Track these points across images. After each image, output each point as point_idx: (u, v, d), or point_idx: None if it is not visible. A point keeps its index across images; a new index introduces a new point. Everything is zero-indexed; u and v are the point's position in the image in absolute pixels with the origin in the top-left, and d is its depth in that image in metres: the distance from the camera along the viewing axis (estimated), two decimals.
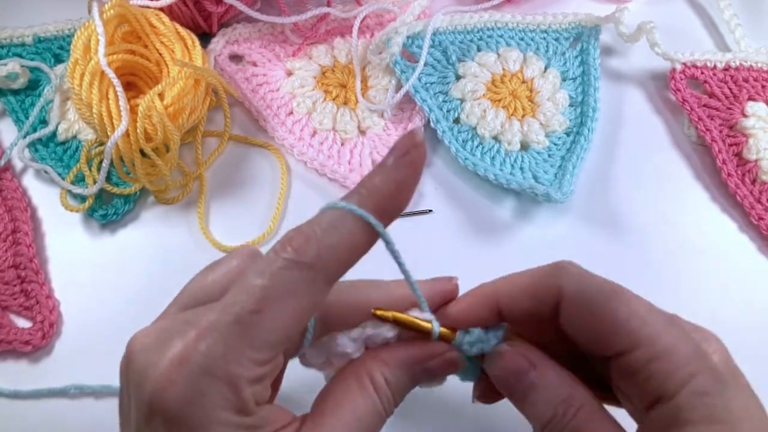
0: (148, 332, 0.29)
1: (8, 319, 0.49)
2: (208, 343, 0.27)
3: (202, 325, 0.28)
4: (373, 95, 0.58)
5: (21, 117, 0.57)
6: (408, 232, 0.53)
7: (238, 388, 0.27)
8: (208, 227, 0.54)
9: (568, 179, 0.53)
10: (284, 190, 0.55)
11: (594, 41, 0.61)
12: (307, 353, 0.34)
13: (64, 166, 0.55)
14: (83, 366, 0.48)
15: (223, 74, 0.59)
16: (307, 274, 0.28)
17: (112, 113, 0.50)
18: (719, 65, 0.59)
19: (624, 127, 0.59)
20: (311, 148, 0.56)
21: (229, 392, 0.27)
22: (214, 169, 0.56)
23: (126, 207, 0.53)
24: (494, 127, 0.56)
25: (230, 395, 0.27)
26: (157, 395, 0.27)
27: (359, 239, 0.29)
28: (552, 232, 0.54)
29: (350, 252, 0.29)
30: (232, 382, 0.27)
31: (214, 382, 0.27)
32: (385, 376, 0.31)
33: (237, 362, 0.27)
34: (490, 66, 0.59)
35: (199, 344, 0.27)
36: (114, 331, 0.49)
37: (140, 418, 0.27)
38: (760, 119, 0.56)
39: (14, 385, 0.47)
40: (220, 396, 0.27)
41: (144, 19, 0.53)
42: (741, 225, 0.54)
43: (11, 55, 0.58)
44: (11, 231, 0.52)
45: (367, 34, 0.62)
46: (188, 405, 0.26)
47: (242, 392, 0.27)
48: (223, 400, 0.27)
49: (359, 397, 0.30)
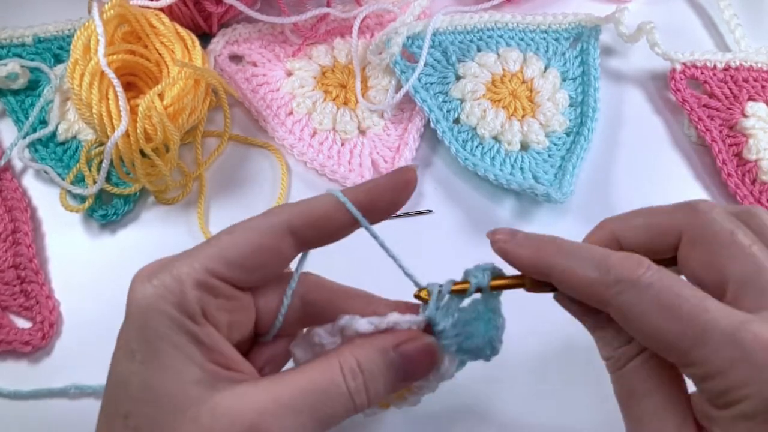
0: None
1: (8, 319, 0.49)
2: (178, 255, 0.32)
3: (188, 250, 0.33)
4: (373, 95, 0.58)
5: (21, 117, 0.57)
6: (408, 232, 0.53)
7: (183, 284, 0.31)
8: (208, 227, 0.54)
9: (568, 179, 0.53)
10: (284, 190, 0.55)
11: (594, 41, 0.61)
12: (294, 350, 0.35)
13: (64, 167, 0.55)
14: (83, 366, 0.48)
15: (223, 74, 0.59)
16: (275, 218, 0.33)
17: (112, 113, 0.50)
18: (719, 65, 0.59)
19: (624, 127, 0.59)
20: (311, 148, 0.56)
21: (175, 286, 0.31)
22: (214, 169, 0.56)
23: (126, 207, 0.53)
24: (494, 128, 0.56)
25: (175, 289, 0.31)
26: (128, 299, 0.31)
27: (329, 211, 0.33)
28: (552, 232, 0.53)
29: (317, 218, 0.33)
30: (179, 278, 0.31)
31: (165, 276, 0.31)
32: (357, 357, 0.31)
33: (189, 265, 0.31)
34: (490, 66, 0.59)
35: (172, 258, 0.32)
36: (114, 331, 0.49)
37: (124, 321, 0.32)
38: (760, 119, 0.56)
39: (14, 385, 0.47)
40: (165, 288, 0.31)
41: (144, 20, 0.53)
42: None
43: (11, 55, 0.58)
44: (11, 231, 0.52)
45: (367, 34, 0.62)
46: (141, 295, 0.31)
47: (186, 289, 0.31)
48: (167, 293, 0.30)
49: (318, 368, 0.31)
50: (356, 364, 0.31)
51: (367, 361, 0.31)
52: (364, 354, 0.31)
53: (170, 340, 0.30)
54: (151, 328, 0.30)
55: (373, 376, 0.31)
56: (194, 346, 0.30)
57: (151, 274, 0.32)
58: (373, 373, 0.31)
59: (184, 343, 0.30)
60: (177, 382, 0.29)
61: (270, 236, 0.33)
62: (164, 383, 0.29)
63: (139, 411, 0.29)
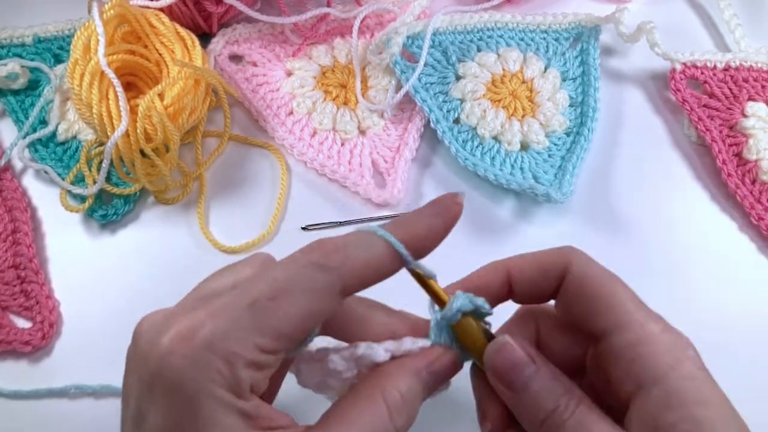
0: (156, 313, 0.30)
1: (8, 319, 0.49)
2: (215, 321, 0.28)
3: (214, 306, 0.29)
4: (373, 95, 0.58)
5: (21, 117, 0.57)
6: None
7: (234, 366, 0.27)
8: (208, 227, 0.54)
9: (568, 179, 0.53)
10: (284, 190, 0.55)
11: (594, 41, 0.61)
12: (302, 370, 0.34)
13: (64, 167, 0.55)
14: (83, 366, 0.48)
15: (223, 74, 0.59)
16: (327, 277, 0.29)
17: (112, 113, 0.50)
18: (719, 65, 0.59)
19: (624, 127, 0.59)
20: (311, 148, 0.56)
21: (226, 369, 0.27)
22: (214, 169, 0.56)
23: (126, 207, 0.53)
24: (494, 128, 0.56)
25: (227, 372, 0.27)
26: (159, 366, 0.28)
27: (384, 261, 0.31)
28: (552, 232, 0.54)
29: (372, 271, 0.31)
30: (230, 360, 0.27)
31: (213, 357, 0.27)
32: (398, 388, 0.31)
33: (239, 342, 0.28)
34: (490, 66, 0.59)
35: (206, 321, 0.28)
36: (114, 331, 0.49)
37: (142, 390, 0.28)
38: (760, 119, 0.56)
39: (14, 385, 0.47)
40: (216, 371, 0.27)
41: (144, 20, 0.53)
42: (741, 225, 0.54)
43: (11, 55, 0.58)
44: (11, 231, 0.52)
45: (367, 34, 0.62)
46: (186, 376, 0.27)
47: (238, 372, 0.28)
48: (219, 376, 0.27)
49: (367, 411, 0.30)
50: (400, 397, 0.30)
51: (408, 390, 0.31)
52: (404, 384, 0.31)
53: (222, 423, 0.28)
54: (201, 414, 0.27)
55: (415, 403, 0.31)
56: (242, 422, 0.28)
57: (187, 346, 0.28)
58: (415, 401, 0.31)
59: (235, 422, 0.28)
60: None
61: (323, 303, 0.30)
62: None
63: None
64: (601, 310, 0.32)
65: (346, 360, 0.32)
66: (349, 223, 0.54)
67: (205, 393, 0.27)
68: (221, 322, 0.28)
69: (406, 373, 0.31)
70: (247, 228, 0.53)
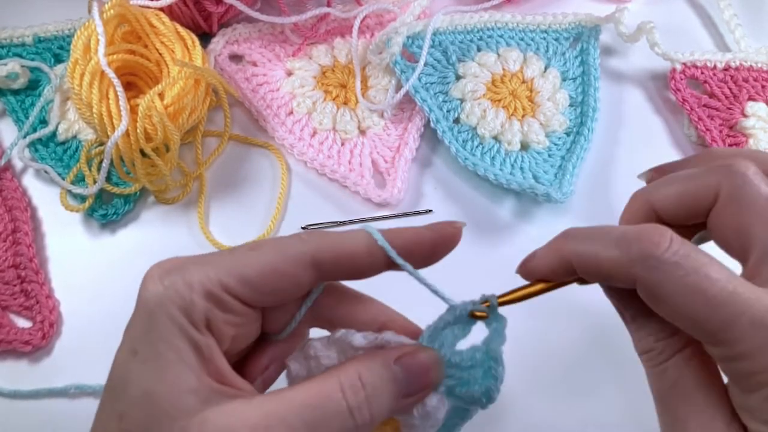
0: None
1: (8, 319, 0.49)
2: (195, 258, 0.32)
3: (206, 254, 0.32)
4: (373, 95, 0.58)
5: (21, 117, 0.57)
6: None
7: (192, 291, 0.30)
8: (208, 227, 0.54)
9: (568, 179, 0.53)
10: (284, 190, 0.55)
11: (594, 41, 0.61)
12: (290, 364, 0.33)
13: (64, 166, 0.55)
14: (83, 366, 0.48)
15: (223, 74, 0.59)
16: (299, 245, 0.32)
17: (112, 113, 0.50)
18: (719, 65, 0.59)
19: (624, 127, 0.59)
20: (311, 148, 0.56)
21: (185, 291, 0.30)
22: (214, 169, 0.56)
23: (126, 207, 0.53)
24: (494, 127, 0.56)
25: (185, 294, 0.30)
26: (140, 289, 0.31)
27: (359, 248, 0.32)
28: (552, 232, 0.53)
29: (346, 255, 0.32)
30: (190, 285, 0.30)
31: (178, 280, 0.30)
32: (359, 371, 0.30)
33: (204, 274, 0.30)
34: (490, 66, 0.59)
35: (189, 259, 0.32)
36: (114, 331, 0.49)
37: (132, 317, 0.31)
38: (760, 119, 0.56)
39: (14, 385, 0.47)
40: (175, 291, 0.30)
41: (144, 19, 0.53)
42: None
43: (11, 55, 0.58)
44: (11, 231, 0.52)
45: (367, 34, 0.62)
46: (152, 293, 0.30)
47: (194, 297, 0.30)
48: (176, 296, 0.30)
49: (316, 388, 0.29)
50: (358, 379, 0.29)
51: (370, 375, 0.30)
52: (366, 367, 0.30)
53: (172, 343, 0.29)
54: (156, 328, 0.30)
55: (376, 391, 0.30)
56: (194, 355, 0.30)
57: (163, 273, 0.31)
58: (376, 388, 0.30)
59: (185, 349, 0.29)
60: (173, 388, 0.29)
61: (291, 263, 0.31)
62: (161, 387, 0.29)
63: (133, 413, 0.29)
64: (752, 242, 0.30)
65: (325, 345, 0.32)
66: (349, 222, 0.54)
67: (163, 309, 0.30)
68: (198, 259, 0.31)
69: (373, 359, 0.30)
70: (247, 228, 0.53)
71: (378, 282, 0.34)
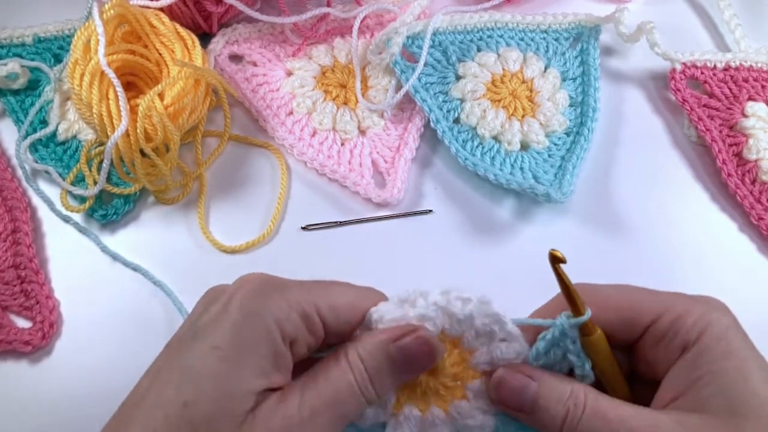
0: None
1: (8, 319, 0.49)
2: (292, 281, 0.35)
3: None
4: (373, 95, 0.58)
5: (21, 117, 0.57)
6: (408, 232, 0.54)
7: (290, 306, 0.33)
8: (208, 227, 0.54)
9: (568, 179, 0.53)
10: (284, 190, 0.55)
11: (594, 41, 0.61)
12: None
13: (64, 166, 0.55)
14: (83, 366, 0.48)
15: (223, 74, 0.59)
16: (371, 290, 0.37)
17: (112, 113, 0.50)
18: (719, 65, 0.59)
19: (624, 127, 0.59)
20: (311, 148, 0.56)
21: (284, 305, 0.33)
22: (214, 169, 0.56)
23: (126, 207, 0.53)
24: (494, 127, 0.56)
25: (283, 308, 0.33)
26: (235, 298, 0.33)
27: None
28: (552, 232, 0.54)
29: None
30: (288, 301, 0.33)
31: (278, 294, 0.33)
32: (358, 352, 0.34)
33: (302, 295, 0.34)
34: (490, 66, 0.59)
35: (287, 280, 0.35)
36: (114, 330, 0.49)
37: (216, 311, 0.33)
38: (760, 119, 0.56)
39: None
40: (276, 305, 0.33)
41: (144, 19, 0.53)
42: (741, 225, 0.54)
43: (11, 55, 0.58)
44: (11, 231, 0.52)
45: (367, 34, 0.62)
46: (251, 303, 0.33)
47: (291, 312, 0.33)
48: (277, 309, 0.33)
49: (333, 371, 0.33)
50: (359, 361, 0.33)
51: (369, 356, 0.33)
52: (364, 349, 0.34)
53: (258, 351, 0.32)
54: (248, 334, 0.32)
55: (376, 370, 0.33)
56: (272, 365, 0.32)
57: (266, 284, 0.34)
58: (375, 367, 0.33)
59: (269, 357, 0.32)
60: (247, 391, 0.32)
61: (365, 300, 0.36)
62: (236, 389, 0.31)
63: (200, 404, 0.31)
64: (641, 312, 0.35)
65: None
66: (349, 223, 0.54)
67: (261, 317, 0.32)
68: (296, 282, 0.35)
69: (370, 341, 0.34)
70: (247, 228, 0.53)
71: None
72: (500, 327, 0.35)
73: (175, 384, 0.31)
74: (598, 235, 0.53)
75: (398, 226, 0.54)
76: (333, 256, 0.53)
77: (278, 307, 0.33)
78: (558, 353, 0.35)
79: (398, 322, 0.34)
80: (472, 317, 0.34)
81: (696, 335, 0.33)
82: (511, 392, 0.34)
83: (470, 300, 0.35)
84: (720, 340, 0.33)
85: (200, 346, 0.32)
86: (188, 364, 0.32)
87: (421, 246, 0.53)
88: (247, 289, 0.34)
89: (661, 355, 0.34)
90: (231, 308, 0.33)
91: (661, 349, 0.34)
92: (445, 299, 0.34)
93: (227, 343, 0.32)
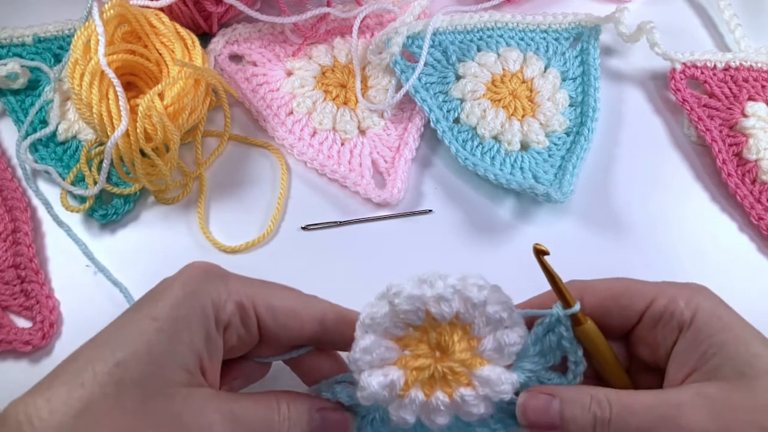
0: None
1: (8, 319, 0.49)
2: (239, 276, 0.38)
3: None
4: (373, 95, 0.58)
5: (21, 117, 0.57)
6: (408, 232, 0.54)
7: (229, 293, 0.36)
8: (208, 227, 0.54)
9: (568, 179, 0.53)
10: (284, 190, 0.55)
11: (594, 41, 0.61)
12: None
13: (64, 166, 0.55)
14: None
15: (223, 74, 0.59)
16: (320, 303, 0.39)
17: (112, 113, 0.50)
18: (719, 65, 0.59)
19: (624, 127, 0.59)
20: (311, 148, 0.56)
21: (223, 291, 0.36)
22: (214, 169, 0.56)
23: (126, 207, 0.53)
24: (494, 127, 0.56)
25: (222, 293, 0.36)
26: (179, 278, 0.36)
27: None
28: (552, 232, 0.54)
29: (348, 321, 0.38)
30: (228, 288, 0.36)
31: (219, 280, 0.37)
32: (288, 405, 0.37)
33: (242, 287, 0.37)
34: (490, 66, 0.59)
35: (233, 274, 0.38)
36: None
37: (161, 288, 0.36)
38: (760, 119, 0.56)
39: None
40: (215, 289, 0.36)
41: (144, 19, 0.53)
42: (741, 225, 0.54)
43: (11, 55, 0.58)
44: (11, 231, 0.52)
45: (367, 34, 0.62)
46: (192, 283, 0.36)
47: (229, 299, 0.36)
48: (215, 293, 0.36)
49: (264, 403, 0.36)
50: (286, 410, 0.36)
51: (295, 411, 0.37)
52: (294, 405, 0.37)
53: (192, 328, 0.34)
54: (184, 309, 0.34)
55: (296, 425, 0.37)
56: (204, 345, 0.35)
57: (209, 270, 0.37)
58: (296, 423, 0.37)
59: (199, 337, 0.34)
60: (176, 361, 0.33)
61: (306, 312, 0.38)
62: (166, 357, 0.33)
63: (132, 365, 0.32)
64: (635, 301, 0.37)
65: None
66: (348, 223, 0.54)
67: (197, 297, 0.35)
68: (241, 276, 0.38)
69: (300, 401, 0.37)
70: (247, 228, 0.53)
71: None
72: (509, 314, 0.36)
73: (110, 346, 0.33)
74: (598, 235, 0.53)
75: (398, 226, 0.54)
76: (333, 256, 0.53)
77: (217, 291, 0.35)
78: (553, 339, 0.37)
79: (415, 302, 0.35)
80: (485, 303, 0.35)
81: (690, 315, 0.36)
82: (538, 414, 0.36)
83: (485, 287, 0.35)
84: (712, 316, 0.35)
85: (139, 316, 0.34)
86: (125, 330, 0.34)
87: (421, 246, 0.53)
88: (191, 272, 0.36)
89: (660, 336, 0.37)
90: (174, 286, 0.35)
91: (659, 331, 0.37)
92: (462, 283, 0.35)
93: (165, 315, 0.34)
